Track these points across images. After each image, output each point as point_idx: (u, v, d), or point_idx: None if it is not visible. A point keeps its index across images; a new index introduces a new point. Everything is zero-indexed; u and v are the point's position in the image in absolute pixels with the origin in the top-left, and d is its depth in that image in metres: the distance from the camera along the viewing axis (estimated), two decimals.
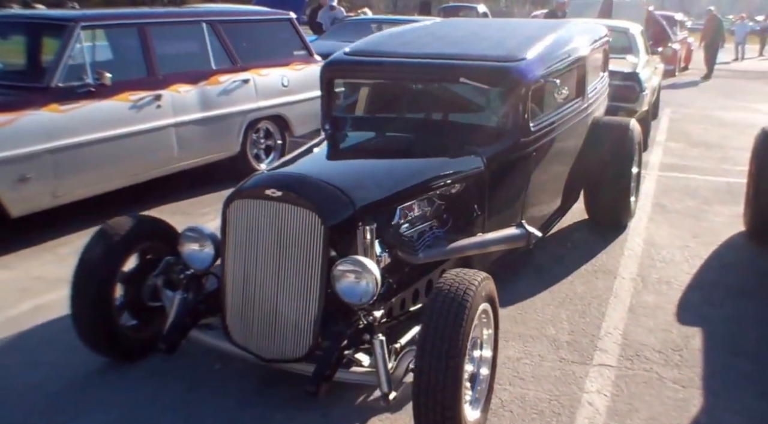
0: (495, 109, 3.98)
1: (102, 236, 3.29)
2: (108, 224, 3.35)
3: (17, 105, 4.75)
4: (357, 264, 2.77)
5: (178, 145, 5.92)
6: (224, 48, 6.45)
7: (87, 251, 3.26)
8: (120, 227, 3.32)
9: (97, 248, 3.25)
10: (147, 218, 3.50)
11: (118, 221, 3.37)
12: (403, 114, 4.35)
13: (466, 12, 21.50)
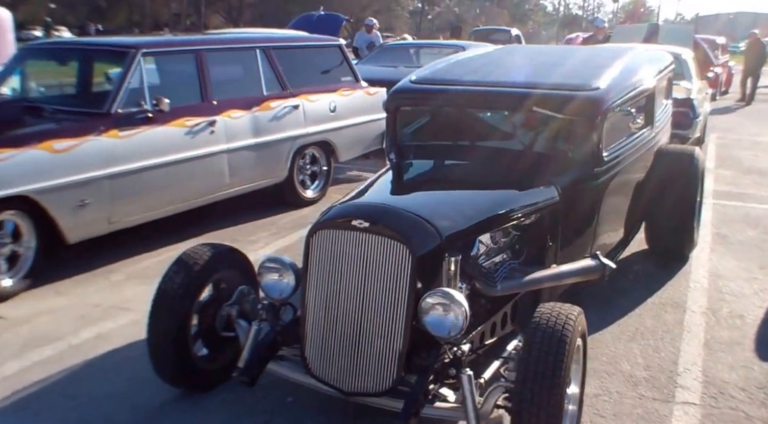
0: (568, 139, 3.91)
1: (181, 266, 3.25)
2: (186, 254, 3.31)
3: (80, 131, 4.76)
4: (446, 297, 2.70)
5: (230, 171, 5.91)
6: (275, 74, 6.47)
7: (166, 280, 3.22)
8: (198, 256, 3.28)
9: (177, 278, 3.20)
10: (223, 247, 3.45)
11: (196, 249, 3.34)
12: (471, 143, 4.30)
13: (498, 35, 21.47)
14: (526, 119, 4.17)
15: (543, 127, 4.05)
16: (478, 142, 4.30)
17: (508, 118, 4.30)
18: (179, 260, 3.29)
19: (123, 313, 4.36)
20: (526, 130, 4.21)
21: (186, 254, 3.32)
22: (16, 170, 4.38)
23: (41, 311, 4.37)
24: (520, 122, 4.22)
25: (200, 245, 3.40)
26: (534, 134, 4.14)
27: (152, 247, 5.57)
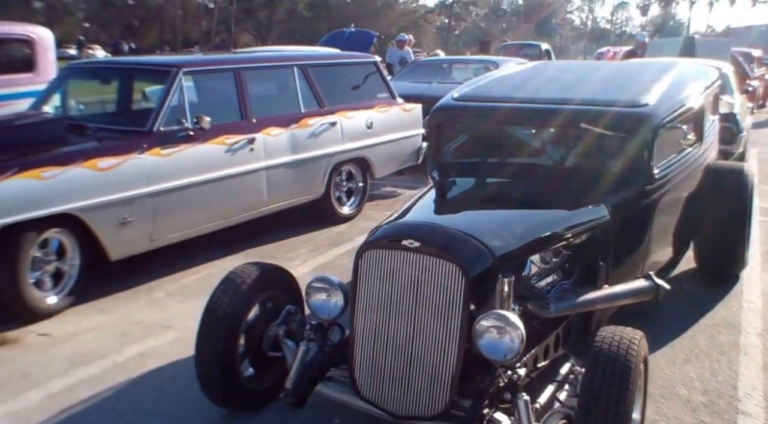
0: (618, 156, 3.83)
1: (229, 285, 3.22)
2: (234, 273, 3.29)
3: (123, 149, 4.79)
4: (502, 319, 2.64)
5: (268, 188, 5.91)
6: (312, 91, 6.47)
7: (214, 300, 3.20)
8: (245, 275, 3.26)
9: (225, 297, 3.18)
10: (269, 266, 3.43)
11: (243, 269, 3.31)
12: (517, 160, 4.24)
13: (528, 49, 21.43)
14: (573, 136, 4.09)
15: (591, 145, 3.97)
16: (523, 159, 4.24)
17: (554, 136, 4.23)
18: (227, 280, 3.27)
19: (165, 331, 4.35)
20: (573, 148, 4.14)
21: (233, 273, 3.30)
22: (61, 189, 4.41)
23: (85, 328, 4.38)
24: (567, 139, 4.15)
25: (247, 264, 3.38)
26: (581, 151, 4.07)
27: (192, 264, 5.57)
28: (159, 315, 4.61)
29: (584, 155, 4.05)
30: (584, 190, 3.68)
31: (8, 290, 4.25)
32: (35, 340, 4.20)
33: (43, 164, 4.39)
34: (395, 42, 13.92)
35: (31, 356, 3.96)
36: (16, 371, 3.79)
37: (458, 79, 10.66)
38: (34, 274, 4.40)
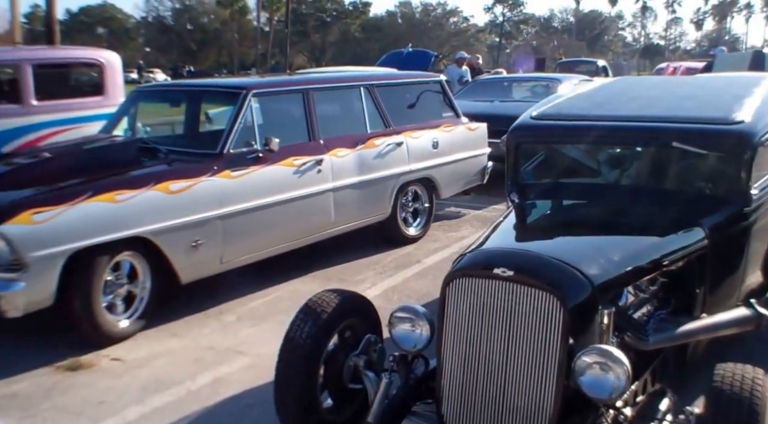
0: (712, 176, 3.63)
1: (308, 314, 3.12)
2: (313, 301, 3.19)
3: (194, 172, 4.77)
4: (605, 355, 2.46)
5: (335, 209, 5.83)
6: (378, 111, 6.40)
7: (294, 328, 3.10)
8: (325, 303, 3.15)
9: (305, 327, 3.07)
10: (348, 293, 3.32)
11: (322, 297, 3.21)
12: (601, 182, 4.06)
13: (584, 66, 21.07)
14: (662, 156, 3.89)
15: (682, 164, 3.77)
16: (607, 180, 4.06)
17: (641, 155, 4.03)
18: (306, 308, 3.16)
19: (238, 357, 4.28)
20: (662, 168, 3.93)
21: (312, 301, 3.20)
22: (134, 212, 4.40)
23: (157, 353, 4.33)
24: (656, 159, 3.95)
25: (326, 292, 3.28)
26: (673, 172, 3.86)
27: (260, 286, 5.52)
28: (230, 340, 4.54)
29: (675, 176, 3.84)
30: (678, 212, 3.48)
31: (82, 314, 4.24)
32: (109, 365, 4.17)
33: (116, 187, 4.39)
34: (455, 60, 13.81)
35: (106, 382, 3.93)
36: (92, 397, 3.76)
37: (519, 98, 10.52)
38: (107, 297, 4.39)
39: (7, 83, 8.58)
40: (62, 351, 4.29)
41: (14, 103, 7.32)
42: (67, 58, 8.43)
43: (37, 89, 7.40)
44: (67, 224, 4.09)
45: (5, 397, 3.77)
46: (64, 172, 4.66)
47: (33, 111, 7.36)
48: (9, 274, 3.95)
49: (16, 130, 7.27)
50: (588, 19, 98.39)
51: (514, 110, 9.64)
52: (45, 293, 4.09)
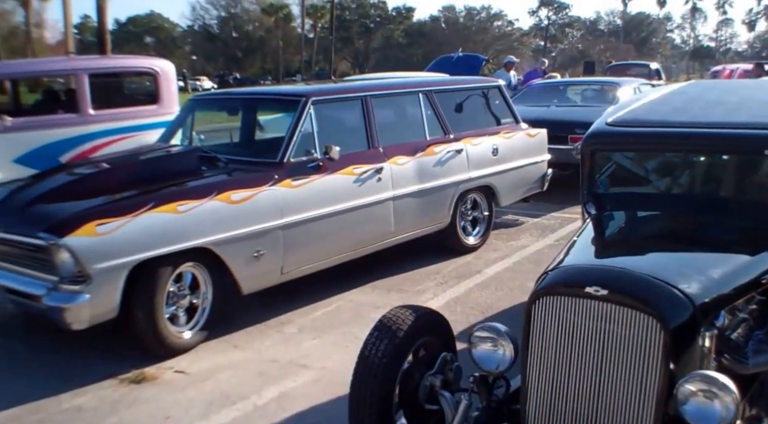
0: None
1: (384, 331, 2.98)
2: (387, 318, 3.05)
3: (256, 182, 4.70)
4: (711, 382, 2.27)
5: (395, 218, 5.71)
6: (438, 117, 6.26)
7: (369, 347, 2.96)
8: (401, 320, 3.01)
9: (380, 345, 2.94)
10: (423, 310, 3.18)
11: (397, 313, 3.07)
12: (685, 191, 3.85)
13: (637, 69, 20.58)
14: (751, 164, 3.66)
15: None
16: (692, 190, 3.84)
17: (726, 163, 3.80)
18: (381, 325, 3.03)
19: (302, 370, 4.17)
20: (750, 177, 3.70)
21: (387, 318, 3.06)
22: (197, 222, 4.34)
23: (221, 365, 4.26)
24: (743, 167, 3.72)
25: (400, 308, 3.14)
26: (761, 181, 3.63)
27: (320, 297, 5.42)
28: (293, 352, 4.44)
29: (765, 185, 3.61)
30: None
31: (146, 325, 4.19)
32: (172, 377, 4.10)
33: (178, 198, 4.34)
34: (504, 65, 13.60)
35: (171, 396, 3.86)
36: (157, 412, 3.69)
37: (577, 102, 10.27)
38: (169, 309, 4.33)
39: (64, 93, 8.71)
40: (125, 363, 4.25)
41: (71, 112, 7.39)
42: (123, 67, 8.52)
43: (94, 98, 7.46)
44: (130, 236, 4.05)
45: (71, 410, 3.73)
46: (125, 182, 4.64)
47: (90, 120, 7.42)
48: (73, 286, 3.92)
49: (73, 140, 7.33)
50: (635, 22, 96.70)
51: (572, 115, 9.51)
52: (109, 305, 4.05)
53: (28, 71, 8.38)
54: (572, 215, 8.37)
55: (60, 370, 4.21)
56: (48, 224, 3.97)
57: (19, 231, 4.18)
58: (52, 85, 9.74)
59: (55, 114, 7.46)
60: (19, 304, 4.41)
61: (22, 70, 8.20)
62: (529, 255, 6.65)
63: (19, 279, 4.25)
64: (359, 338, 4.60)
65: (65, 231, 3.86)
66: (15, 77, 8.22)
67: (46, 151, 7.09)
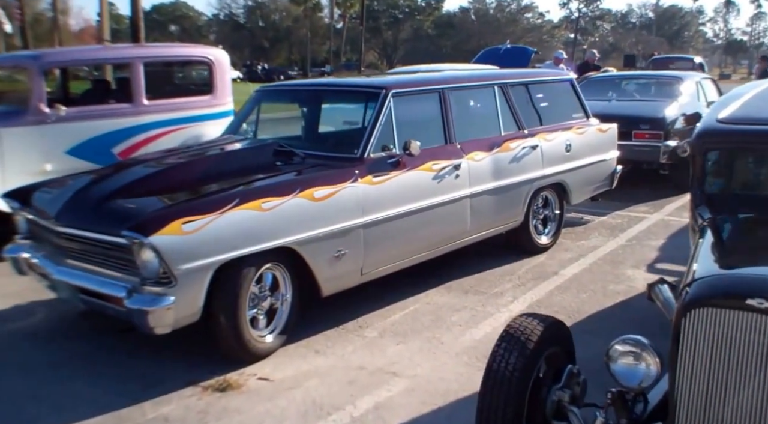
0: None
1: (512, 343, 2.75)
2: (514, 328, 2.82)
3: (338, 178, 4.47)
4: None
5: (471, 217, 5.46)
6: (512, 112, 6.00)
7: (498, 360, 2.73)
8: (529, 331, 2.79)
9: (510, 358, 2.71)
10: (549, 319, 2.94)
11: (523, 323, 2.84)
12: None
13: (680, 63, 20.06)
14: None
15: None
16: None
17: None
18: (508, 336, 2.80)
19: (393, 379, 3.95)
20: None
21: (513, 328, 2.83)
22: (281, 220, 4.12)
23: (306, 372, 4.04)
24: None
25: (525, 317, 2.91)
26: None
27: (395, 298, 5.20)
28: (379, 359, 4.22)
29: None
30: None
31: (228, 329, 3.98)
32: (257, 385, 3.89)
33: (262, 195, 4.11)
34: (553, 59, 13.24)
35: (261, 406, 3.65)
36: (251, 423, 3.48)
37: (638, 96, 9.93)
38: (250, 312, 4.12)
39: (117, 82, 8.56)
40: (203, 368, 4.05)
41: (125, 102, 7.22)
42: (177, 55, 8.34)
43: (148, 88, 7.28)
44: (216, 235, 3.83)
45: (157, 420, 3.54)
46: (203, 177, 4.47)
47: (144, 111, 7.25)
48: (157, 288, 3.71)
49: (126, 131, 7.17)
50: (668, 15, 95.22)
51: (636, 110, 9.18)
52: (193, 308, 3.84)
53: (81, 59, 8.21)
54: (637, 213, 8.09)
55: (136, 375, 4.02)
56: (131, 221, 3.75)
57: (97, 228, 3.97)
58: (99, 75, 9.62)
59: (108, 104, 7.30)
60: (91, 305, 4.18)
61: (75, 58, 8.03)
62: (603, 256, 6.37)
63: (94, 279, 4.04)
64: (444, 344, 4.44)
65: (150, 229, 3.64)
66: (68, 65, 8.08)
67: (99, 143, 6.94)
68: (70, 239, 4.14)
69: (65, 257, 4.24)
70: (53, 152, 6.49)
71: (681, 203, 8.65)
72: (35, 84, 6.47)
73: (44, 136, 6.48)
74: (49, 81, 7.20)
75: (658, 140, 8.56)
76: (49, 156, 6.46)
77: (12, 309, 5.15)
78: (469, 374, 3.99)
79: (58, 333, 4.69)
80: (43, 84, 6.55)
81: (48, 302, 5.12)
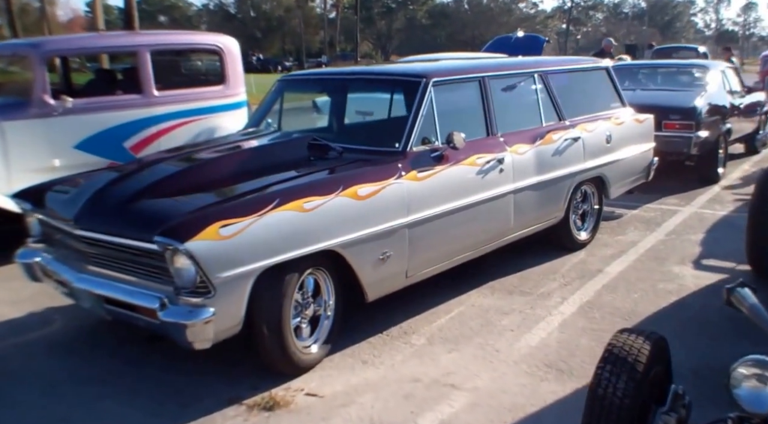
0: None
1: (618, 365, 2.41)
2: (618, 347, 2.48)
3: (383, 174, 4.12)
4: None
5: (515, 213, 5.12)
6: (552, 102, 5.66)
7: (603, 383, 2.39)
8: (635, 350, 2.45)
9: (618, 382, 2.37)
10: (654, 336, 2.61)
11: (629, 342, 2.50)
12: None
13: (684, 53, 19.74)
14: None
15: None
16: None
17: None
18: (612, 357, 2.46)
19: (453, 392, 3.61)
20: None
21: (617, 347, 2.49)
22: (325, 221, 3.76)
23: (356, 386, 3.70)
24: None
25: (627, 335, 2.57)
26: None
27: (437, 300, 4.89)
28: (433, 369, 3.88)
29: None
30: None
31: (272, 340, 3.63)
32: (307, 402, 3.55)
33: (304, 194, 3.74)
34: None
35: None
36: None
37: (662, 86, 9.63)
38: (293, 321, 3.78)
39: (124, 72, 8.16)
40: (243, 384, 3.71)
41: (134, 93, 6.84)
42: (187, 43, 7.94)
43: (157, 78, 6.91)
44: (257, 238, 3.46)
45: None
46: (235, 175, 4.10)
47: (154, 102, 6.89)
48: (195, 298, 3.33)
49: (136, 123, 6.82)
50: (660, 5, 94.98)
51: (665, 100, 8.84)
52: (235, 320, 3.48)
53: (85, 47, 7.76)
54: (669, 206, 7.79)
55: (171, 392, 3.66)
56: (163, 225, 3.37)
57: (124, 233, 3.59)
58: (94, 66, 9.18)
59: (115, 95, 6.91)
60: (118, 315, 3.77)
61: (78, 46, 7.57)
62: (645, 252, 6.06)
63: (121, 288, 3.65)
64: (500, 351, 4.10)
65: (186, 234, 3.26)
66: (72, 54, 7.68)
67: (110, 136, 6.59)
68: (92, 243, 3.77)
69: (86, 263, 3.87)
70: (61, 147, 6.12)
71: (711, 196, 8.37)
72: (38, 74, 6.08)
73: (51, 129, 6.10)
74: (50, 72, 6.81)
75: (689, 131, 8.24)
76: (57, 151, 6.09)
77: (27, 317, 4.79)
78: (533, 385, 3.68)
79: (80, 344, 4.34)
80: (46, 74, 6.16)
81: (65, 308, 4.77)
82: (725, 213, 7.47)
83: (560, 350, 4.11)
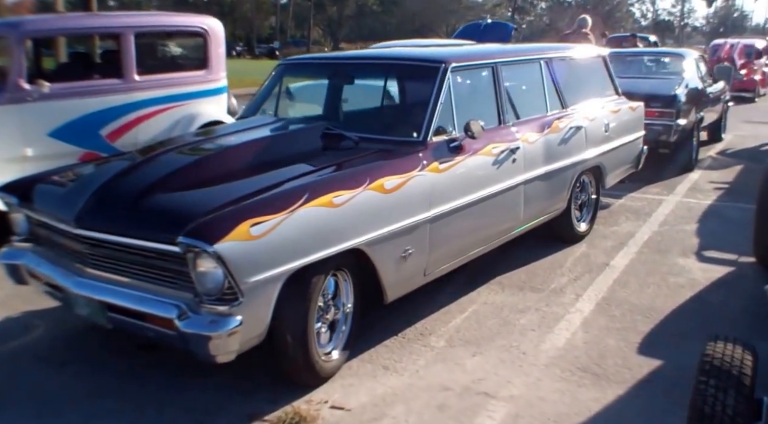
0: None
1: (724, 380, 2.26)
2: (718, 359, 2.32)
3: (406, 165, 3.86)
4: None
5: (525, 205, 4.93)
6: (556, 90, 5.48)
7: (707, 400, 2.23)
8: (738, 363, 2.33)
9: (727, 399, 2.22)
10: (750, 346, 2.44)
11: (727, 353, 2.36)
12: None
13: (632, 42, 19.84)
14: None
15: None
16: None
17: None
18: (715, 370, 2.28)
19: (488, 402, 3.38)
20: None
21: (717, 359, 2.32)
22: (353, 218, 3.48)
23: (384, 396, 3.43)
24: None
25: (725, 344, 2.41)
26: None
27: (447, 299, 4.66)
28: (460, 375, 3.65)
29: None
30: None
31: (297, 349, 3.33)
32: (335, 416, 3.25)
33: (332, 188, 3.44)
34: None
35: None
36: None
37: (644, 74, 9.61)
38: (315, 326, 3.48)
39: (104, 55, 7.70)
40: (258, 397, 3.41)
41: (115, 77, 6.40)
42: (170, 25, 7.47)
43: (138, 62, 6.47)
44: (287, 237, 3.16)
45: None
46: (251, 167, 3.74)
47: (135, 87, 6.48)
48: (221, 306, 3.00)
49: (116, 109, 6.40)
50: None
51: (646, 88, 8.75)
52: (260, 328, 3.16)
53: (66, 28, 7.17)
54: (652, 195, 7.77)
55: (183, 409, 3.31)
56: (189, 225, 3.01)
57: (138, 233, 3.21)
58: (76, 47, 8.63)
59: (93, 80, 6.45)
60: (123, 325, 3.37)
61: (59, 26, 7.01)
62: (644, 243, 5.96)
63: (129, 295, 3.27)
64: (527, 354, 3.89)
65: (215, 235, 2.93)
66: (52, 35, 7.14)
67: (86, 123, 6.16)
68: (95, 245, 3.40)
69: (85, 265, 3.48)
70: (35, 135, 5.68)
71: (690, 185, 8.39)
72: (15, 56, 5.61)
73: (24, 116, 5.64)
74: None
75: (670, 119, 8.20)
76: (29, 139, 5.64)
77: (5, 323, 4.36)
78: (572, 391, 3.48)
79: (69, 354, 3.93)
80: (23, 56, 5.68)
81: (44, 312, 4.39)
82: (709, 202, 7.47)
83: (589, 352, 3.93)
